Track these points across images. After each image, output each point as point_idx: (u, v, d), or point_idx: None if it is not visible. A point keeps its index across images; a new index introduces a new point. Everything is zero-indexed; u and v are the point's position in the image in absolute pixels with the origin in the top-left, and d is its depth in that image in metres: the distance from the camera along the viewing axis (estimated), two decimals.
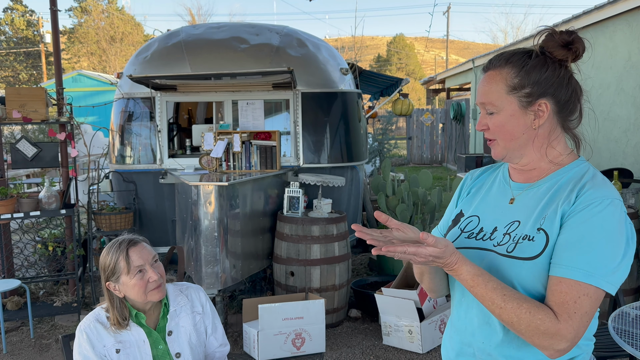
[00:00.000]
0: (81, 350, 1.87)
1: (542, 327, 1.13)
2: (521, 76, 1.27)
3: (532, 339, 1.15)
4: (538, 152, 1.31)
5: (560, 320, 1.13)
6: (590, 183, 1.23)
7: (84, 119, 14.99)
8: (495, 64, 1.31)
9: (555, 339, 1.13)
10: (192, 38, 5.10)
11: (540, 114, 1.28)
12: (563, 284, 1.15)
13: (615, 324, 2.39)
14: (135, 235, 1.98)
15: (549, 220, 1.23)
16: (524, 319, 1.14)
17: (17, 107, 4.54)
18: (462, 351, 1.36)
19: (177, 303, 2.03)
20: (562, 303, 1.14)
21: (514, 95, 1.27)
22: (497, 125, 1.30)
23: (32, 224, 5.35)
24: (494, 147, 1.33)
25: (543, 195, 1.28)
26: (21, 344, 4.20)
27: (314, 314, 3.84)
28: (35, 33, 39.92)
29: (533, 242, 1.22)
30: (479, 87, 1.33)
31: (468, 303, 1.33)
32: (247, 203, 4.26)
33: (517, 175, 1.37)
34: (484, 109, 1.32)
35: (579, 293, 1.14)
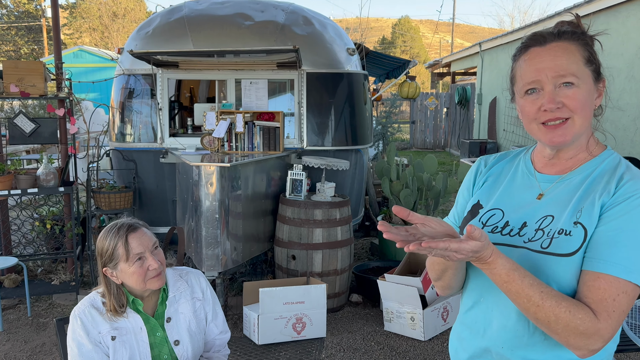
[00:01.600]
0: (75, 336, 1.80)
1: (581, 327, 1.05)
2: (588, 50, 1.19)
3: (568, 339, 1.08)
4: (586, 137, 1.22)
5: (599, 320, 1.06)
6: (628, 174, 1.16)
7: (85, 95, 14.85)
8: (557, 36, 1.19)
9: (593, 339, 1.06)
10: (195, 14, 4.96)
11: (599, 93, 1.21)
12: (602, 280, 1.08)
13: (628, 319, 2.32)
14: (135, 219, 1.89)
15: (586, 213, 1.14)
16: (562, 318, 1.06)
17: (15, 81, 4.43)
18: (477, 355, 1.28)
19: (176, 289, 1.95)
20: (600, 300, 1.07)
21: (589, 68, 1.18)
22: (578, 100, 1.14)
23: (30, 201, 5.27)
24: (564, 128, 1.15)
25: (577, 187, 1.19)
26: (18, 322, 4.16)
27: (315, 299, 3.78)
28: (37, 7, 39.45)
29: (570, 236, 1.14)
30: (545, 60, 1.16)
31: (488, 304, 1.25)
32: (249, 185, 4.17)
33: (546, 167, 1.27)
34: (555, 82, 1.15)
35: (618, 290, 1.07)
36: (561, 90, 1.15)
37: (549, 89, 1.15)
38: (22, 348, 3.73)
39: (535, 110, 1.18)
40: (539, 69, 1.16)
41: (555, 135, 1.17)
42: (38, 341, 3.83)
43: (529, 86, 1.18)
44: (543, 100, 1.16)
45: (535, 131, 1.20)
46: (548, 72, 1.15)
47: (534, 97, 1.18)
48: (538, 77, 1.16)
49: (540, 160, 1.29)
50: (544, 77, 1.15)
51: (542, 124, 1.18)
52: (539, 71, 1.16)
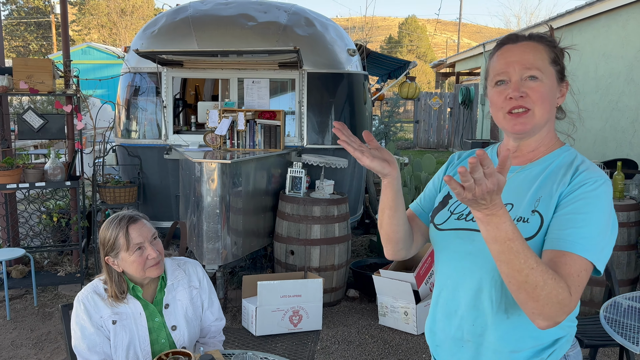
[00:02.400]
0: (78, 320, 1.92)
1: (560, 296, 1.10)
2: (555, 53, 1.31)
3: (544, 307, 1.10)
4: (547, 131, 1.33)
5: (571, 293, 1.12)
6: (583, 166, 1.26)
7: (93, 91, 14.98)
8: (528, 37, 1.31)
9: (564, 310, 1.11)
10: (200, 14, 5.08)
11: (562, 94, 1.33)
12: (567, 257, 1.15)
13: (607, 314, 2.42)
14: (136, 211, 2.01)
15: (543, 203, 1.24)
16: (549, 284, 1.09)
17: (24, 78, 4.56)
18: (452, 334, 1.37)
19: (174, 277, 2.07)
20: (568, 275, 1.13)
21: (554, 67, 1.29)
22: (541, 93, 1.26)
23: (38, 194, 5.41)
24: (525, 118, 1.26)
25: (536, 177, 1.30)
26: (25, 311, 4.30)
27: (312, 293, 3.89)
28: (46, 3, 39.73)
29: (528, 223, 1.24)
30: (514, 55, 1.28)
31: (456, 286, 1.35)
32: (249, 181, 4.29)
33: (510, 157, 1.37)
34: (521, 74, 1.26)
35: (581, 268, 1.15)
36: (526, 82, 1.26)
37: (515, 79, 1.27)
38: (28, 336, 3.87)
39: (502, 99, 1.28)
40: (508, 62, 1.28)
41: (517, 123, 1.27)
42: (44, 330, 3.97)
43: (498, 77, 1.30)
44: (509, 90, 1.27)
45: (501, 120, 1.31)
46: (516, 65, 1.27)
47: (502, 88, 1.29)
48: (507, 69, 1.28)
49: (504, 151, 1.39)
50: (512, 69, 1.27)
51: (508, 113, 1.28)
52: (508, 64, 1.28)
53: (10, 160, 4.51)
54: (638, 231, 4.23)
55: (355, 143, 1.24)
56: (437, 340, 1.43)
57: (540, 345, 1.28)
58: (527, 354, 1.28)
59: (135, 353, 1.95)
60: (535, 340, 1.27)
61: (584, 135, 8.33)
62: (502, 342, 1.28)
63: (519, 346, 1.28)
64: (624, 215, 4.17)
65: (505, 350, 1.28)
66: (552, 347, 1.28)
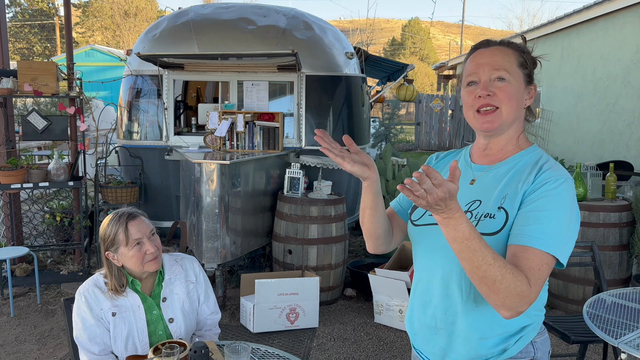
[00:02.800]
0: (80, 312, 2.01)
1: (519, 288, 1.18)
2: (524, 58, 1.40)
3: (505, 299, 1.19)
4: (515, 131, 1.42)
5: (531, 285, 1.20)
6: (547, 165, 1.35)
7: (96, 93, 15.10)
8: (499, 42, 1.41)
9: (524, 301, 1.20)
10: (201, 17, 5.18)
11: (530, 96, 1.42)
12: (529, 252, 1.23)
13: (590, 309, 2.49)
14: (135, 209, 2.10)
15: (509, 200, 1.33)
16: (507, 278, 1.17)
17: (29, 81, 4.67)
18: (427, 323, 1.46)
19: (172, 272, 2.16)
20: (529, 269, 1.21)
21: (522, 70, 1.38)
22: (508, 92, 1.34)
23: (41, 194, 5.51)
24: (493, 116, 1.35)
25: (502, 176, 1.39)
26: (28, 308, 4.39)
27: (309, 291, 3.98)
28: (50, 5, 39.98)
29: (494, 219, 1.32)
30: (485, 57, 1.37)
31: (430, 278, 1.44)
32: (248, 182, 4.38)
33: (479, 157, 1.47)
34: (490, 75, 1.35)
35: (542, 262, 1.23)
36: (494, 82, 1.36)
37: (484, 79, 1.36)
38: (31, 332, 3.97)
39: (472, 98, 1.38)
40: (478, 64, 1.38)
41: (485, 121, 1.36)
42: (46, 326, 4.06)
43: (469, 78, 1.39)
44: (478, 89, 1.36)
45: (471, 118, 1.40)
46: (485, 66, 1.36)
47: (472, 88, 1.38)
48: (477, 70, 1.37)
49: (476, 152, 1.49)
50: (482, 70, 1.37)
51: (477, 112, 1.37)
52: (478, 66, 1.38)
53: (14, 161, 4.61)
54: (630, 231, 4.30)
55: (336, 149, 1.32)
56: (414, 329, 1.52)
57: (507, 333, 1.36)
58: (495, 341, 1.36)
59: (134, 344, 2.03)
60: (502, 328, 1.36)
61: (582, 138, 8.41)
62: (471, 330, 1.37)
63: (487, 333, 1.36)
64: (616, 216, 4.24)
65: (474, 337, 1.37)
66: (518, 334, 1.37)
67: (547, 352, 1.44)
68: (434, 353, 1.46)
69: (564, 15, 8.88)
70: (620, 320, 2.37)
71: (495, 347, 1.37)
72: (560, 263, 1.27)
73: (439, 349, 1.44)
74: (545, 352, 1.42)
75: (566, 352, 3.74)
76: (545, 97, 10.01)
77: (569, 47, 8.99)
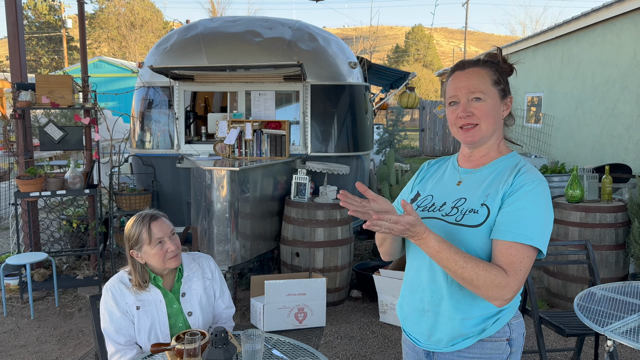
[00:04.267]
0: (107, 306, 2.20)
1: (496, 280, 1.41)
2: (498, 75, 1.59)
3: (487, 291, 1.42)
4: (496, 140, 1.62)
5: (509, 275, 1.42)
6: (523, 169, 1.55)
7: (105, 104, 15.31)
8: (473, 63, 1.60)
9: (505, 290, 1.42)
10: (209, 31, 5.40)
11: (507, 107, 1.61)
12: (512, 247, 1.44)
13: (581, 302, 2.65)
14: (157, 210, 2.29)
15: (491, 198, 1.52)
16: (482, 275, 1.40)
17: (46, 93, 4.89)
18: (415, 306, 1.65)
19: (190, 269, 2.34)
20: (511, 262, 1.43)
21: (496, 87, 1.57)
22: (484, 111, 1.54)
23: (58, 202, 5.72)
24: (474, 131, 1.55)
25: (486, 177, 1.58)
26: (47, 311, 4.58)
27: (316, 291, 4.15)
28: (57, 18, 40.55)
29: (477, 214, 1.52)
30: (461, 80, 1.56)
31: (419, 266, 1.63)
32: (257, 188, 4.57)
33: (465, 162, 1.67)
34: (468, 97, 1.53)
35: (524, 255, 1.44)
36: (472, 103, 1.55)
37: (463, 102, 1.56)
38: (51, 333, 4.15)
39: (455, 117, 1.58)
40: (457, 87, 1.57)
41: (467, 136, 1.57)
42: (65, 328, 4.25)
43: (450, 99, 1.60)
44: (459, 110, 1.56)
45: (456, 133, 1.61)
46: (463, 89, 1.56)
47: (454, 108, 1.59)
48: (456, 93, 1.57)
49: (462, 158, 1.69)
50: (460, 93, 1.56)
51: (460, 128, 1.58)
52: (457, 89, 1.57)
53: (33, 170, 4.83)
54: (625, 231, 4.45)
55: (356, 203, 1.45)
56: (404, 314, 1.71)
57: (486, 314, 1.55)
58: (475, 321, 1.55)
59: (156, 335, 2.21)
60: (482, 310, 1.54)
61: (583, 142, 8.56)
62: (454, 311, 1.55)
63: (468, 314, 1.55)
64: (612, 216, 4.39)
65: (457, 318, 1.55)
66: (496, 316, 1.56)
67: (522, 334, 1.63)
68: (421, 333, 1.65)
69: (563, 22, 9.05)
70: (608, 311, 2.53)
71: (476, 327, 1.55)
72: (541, 253, 1.47)
73: (426, 329, 1.62)
74: (520, 333, 1.61)
75: (564, 347, 3.88)
76: (547, 102, 10.17)
77: (569, 53, 9.15)
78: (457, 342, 1.57)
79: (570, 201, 4.52)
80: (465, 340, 1.56)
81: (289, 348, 2.06)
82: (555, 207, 4.59)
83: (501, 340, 1.57)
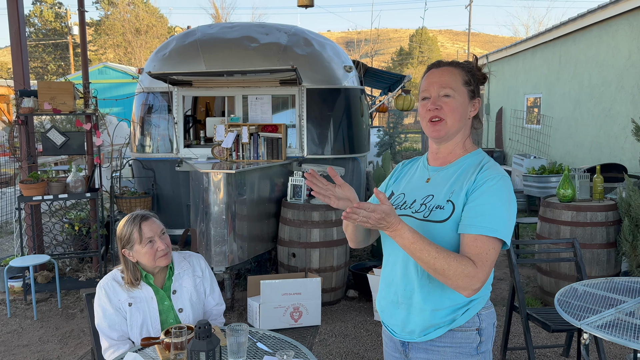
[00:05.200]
0: (100, 302, 2.30)
1: (465, 271, 1.48)
2: (469, 76, 1.69)
3: (457, 281, 1.49)
4: (462, 138, 1.71)
5: (478, 267, 1.50)
6: (486, 166, 1.64)
7: (109, 109, 15.51)
8: (448, 63, 1.70)
9: (474, 280, 1.49)
10: (207, 37, 5.51)
11: (475, 108, 1.70)
12: (478, 240, 1.52)
13: (561, 297, 2.72)
14: (147, 211, 2.39)
15: (455, 195, 1.61)
16: (452, 265, 1.47)
17: (48, 100, 5.01)
18: (390, 299, 1.74)
19: (180, 267, 2.44)
20: (478, 254, 1.51)
21: (466, 87, 1.67)
22: (452, 106, 1.62)
23: (60, 206, 5.84)
24: (440, 125, 1.63)
25: (452, 175, 1.67)
26: (50, 312, 4.69)
27: (311, 291, 4.23)
28: (63, 25, 40.95)
29: (443, 210, 1.61)
30: (435, 77, 1.66)
31: (394, 261, 1.71)
32: (253, 190, 4.67)
33: (433, 160, 1.76)
34: (439, 92, 1.62)
35: (490, 246, 1.52)
36: (442, 98, 1.64)
37: (434, 96, 1.66)
38: (53, 333, 4.26)
39: (425, 111, 1.68)
40: (430, 82, 1.67)
41: (434, 130, 1.66)
42: (67, 328, 4.36)
43: (423, 94, 1.70)
44: (429, 104, 1.66)
45: (425, 127, 1.70)
46: (435, 85, 1.66)
47: (425, 102, 1.69)
48: (428, 88, 1.67)
49: (431, 156, 1.78)
50: (432, 88, 1.66)
51: (428, 122, 1.67)
52: (429, 84, 1.67)
53: (35, 175, 4.95)
54: (617, 230, 4.50)
55: (322, 185, 1.60)
56: (381, 306, 1.79)
57: (456, 305, 1.63)
58: (445, 312, 1.63)
59: (148, 331, 2.31)
60: (451, 301, 1.63)
61: (581, 142, 8.61)
62: (425, 303, 1.64)
63: (439, 305, 1.63)
64: (602, 215, 4.46)
65: (428, 309, 1.64)
66: (466, 307, 1.64)
67: (492, 324, 1.70)
68: (396, 325, 1.73)
69: (560, 24, 9.12)
70: (587, 305, 2.60)
71: (446, 317, 1.63)
72: (505, 244, 1.56)
73: (400, 320, 1.71)
74: (490, 323, 1.69)
75: (554, 344, 3.95)
76: (545, 104, 10.22)
77: (567, 55, 9.21)
78: (429, 332, 1.66)
79: (562, 200, 4.59)
80: (437, 330, 1.65)
81: (274, 342, 2.15)
82: (547, 206, 4.66)
83: (471, 330, 1.65)
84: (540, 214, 4.78)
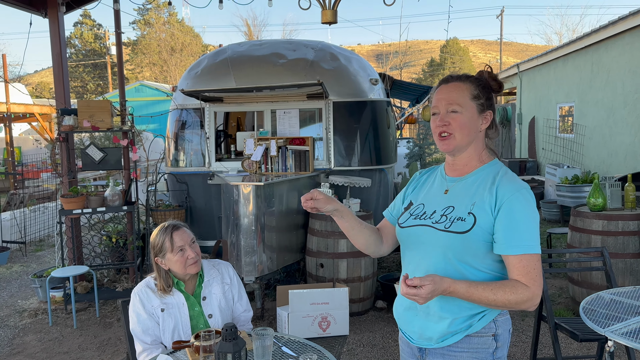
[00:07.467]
0: (135, 308, 2.42)
1: (524, 297, 1.56)
2: (479, 90, 1.74)
3: (519, 307, 1.58)
4: (475, 149, 1.76)
5: (531, 287, 1.57)
6: (505, 178, 1.68)
7: (146, 126, 15.96)
8: (457, 78, 1.76)
9: (533, 299, 1.58)
10: (237, 55, 5.69)
11: (486, 121, 1.75)
12: (524, 259, 1.58)
13: (587, 305, 2.72)
14: (178, 221, 2.52)
15: (477, 207, 1.66)
16: (511, 298, 1.55)
17: (87, 117, 5.26)
18: (407, 306, 1.78)
19: (210, 275, 2.55)
20: (527, 273, 1.58)
21: (475, 102, 1.72)
22: (459, 122, 1.68)
23: (98, 219, 6.08)
24: (449, 140, 1.69)
25: (470, 187, 1.72)
26: (88, 321, 4.89)
27: (339, 300, 4.30)
28: (102, 45, 42.43)
29: (464, 222, 1.65)
30: (443, 93, 1.72)
31: (413, 270, 1.76)
32: (282, 201, 4.78)
33: (450, 171, 1.80)
34: (447, 109, 1.68)
35: (533, 262, 1.59)
36: (449, 114, 1.70)
37: (442, 112, 1.71)
38: (92, 341, 4.44)
39: (435, 126, 1.74)
40: (438, 99, 1.73)
41: (443, 144, 1.73)
42: (105, 336, 4.54)
43: (433, 110, 1.76)
44: (437, 120, 1.72)
45: (436, 141, 1.76)
46: (443, 101, 1.71)
47: (435, 118, 1.75)
48: (437, 104, 1.73)
49: (447, 166, 1.83)
50: (440, 104, 1.72)
51: (438, 136, 1.73)
52: (438, 100, 1.73)
53: (75, 189, 5.19)
54: None
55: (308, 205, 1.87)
56: (399, 313, 1.84)
57: (473, 312, 1.67)
58: (463, 319, 1.67)
59: (179, 335, 2.42)
60: (469, 310, 1.67)
61: (615, 150, 8.44)
62: (443, 311, 1.68)
63: (456, 314, 1.67)
64: (635, 224, 4.38)
65: (446, 317, 1.68)
66: (482, 313, 1.68)
67: (508, 330, 1.74)
68: (413, 331, 1.78)
69: (591, 31, 9.00)
70: (613, 313, 2.59)
71: (463, 324, 1.68)
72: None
73: (418, 327, 1.75)
74: (506, 329, 1.73)
75: (586, 354, 3.90)
76: (578, 112, 10.06)
77: (599, 62, 9.07)
78: (446, 339, 1.70)
79: (592, 210, 4.53)
80: (454, 336, 1.69)
81: (298, 347, 2.23)
82: (577, 215, 4.61)
83: (487, 336, 1.69)
84: (570, 224, 4.73)
